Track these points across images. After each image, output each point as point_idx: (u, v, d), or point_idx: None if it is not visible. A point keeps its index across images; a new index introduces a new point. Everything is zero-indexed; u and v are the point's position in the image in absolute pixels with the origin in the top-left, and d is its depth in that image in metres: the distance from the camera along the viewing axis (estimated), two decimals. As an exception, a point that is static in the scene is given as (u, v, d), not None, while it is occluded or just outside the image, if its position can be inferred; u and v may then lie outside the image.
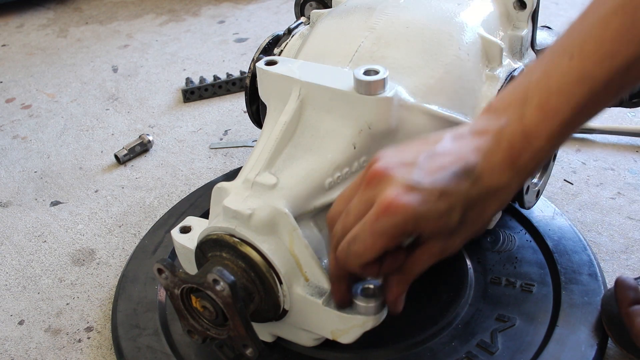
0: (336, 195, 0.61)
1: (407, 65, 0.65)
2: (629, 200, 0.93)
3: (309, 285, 0.58)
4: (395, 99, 0.60)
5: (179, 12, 1.84)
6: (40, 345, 0.77)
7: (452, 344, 0.68)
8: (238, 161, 1.11)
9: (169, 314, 0.75)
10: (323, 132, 0.63)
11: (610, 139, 1.08)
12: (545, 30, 0.86)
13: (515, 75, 0.69)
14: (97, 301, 0.84)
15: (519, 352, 0.66)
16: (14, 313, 0.83)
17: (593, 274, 0.75)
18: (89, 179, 1.10)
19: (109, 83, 1.44)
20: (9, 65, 1.58)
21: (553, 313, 0.71)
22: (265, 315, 0.60)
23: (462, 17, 0.70)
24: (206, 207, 0.90)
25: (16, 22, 1.85)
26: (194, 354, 0.70)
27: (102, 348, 0.76)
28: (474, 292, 0.74)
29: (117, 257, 0.91)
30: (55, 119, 1.31)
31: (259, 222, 0.57)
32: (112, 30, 1.74)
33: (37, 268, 0.90)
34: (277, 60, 0.67)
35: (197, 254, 0.62)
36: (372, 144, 0.63)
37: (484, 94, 0.68)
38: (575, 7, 1.58)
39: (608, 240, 0.86)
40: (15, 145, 1.22)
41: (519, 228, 0.84)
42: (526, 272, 0.77)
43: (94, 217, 1.00)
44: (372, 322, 0.56)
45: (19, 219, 1.01)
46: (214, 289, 0.53)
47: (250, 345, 0.56)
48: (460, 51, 0.67)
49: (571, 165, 1.02)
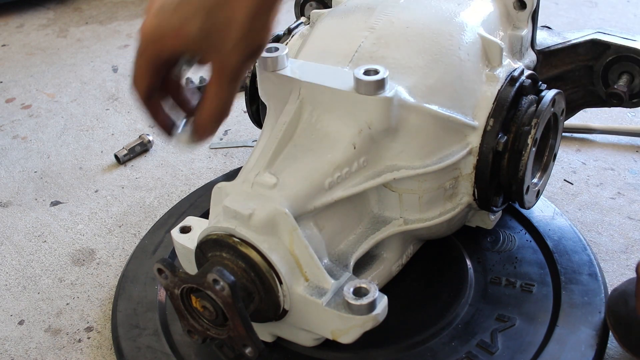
0: (336, 195, 0.62)
1: (407, 65, 0.65)
2: (629, 200, 0.93)
3: (309, 285, 0.58)
4: (395, 99, 0.60)
5: (179, 12, 1.84)
6: (40, 345, 0.77)
7: (452, 344, 0.68)
8: (238, 161, 1.11)
9: (169, 314, 0.75)
10: (323, 132, 0.63)
11: (610, 139, 1.08)
12: (545, 30, 0.86)
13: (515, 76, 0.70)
14: (97, 301, 0.84)
15: (519, 352, 0.66)
16: (14, 313, 0.83)
17: (593, 274, 0.75)
18: (89, 179, 1.10)
19: (109, 83, 1.44)
20: (9, 65, 1.58)
21: (553, 313, 0.71)
22: (265, 315, 0.60)
23: (462, 17, 0.70)
24: (206, 207, 0.89)
25: (16, 22, 1.85)
26: (194, 354, 0.70)
27: (102, 348, 0.76)
28: (474, 292, 0.74)
29: (117, 257, 0.91)
30: (55, 119, 1.31)
31: (259, 222, 0.57)
32: (112, 30, 1.74)
33: (37, 268, 0.90)
34: (277, 60, 0.67)
35: (197, 254, 0.62)
36: (372, 144, 0.63)
37: (484, 94, 0.68)
38: (575, 7, 1.58)
39: (608, 240, 0.86)
40: (15, 145, 1.22)
41: (519, 228, 0.84)
42: (526, 272, 0.77)
43: (94, 217, 1.00)
44: (371, 322, 0.56)
45: (19, 219, 1.01)
46: (214, 289, 0.53)
47: (250, 345, 0.56)
48: (460, 51, 0.67)
49: (571, 165, 1.02)
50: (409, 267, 0.74)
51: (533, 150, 0.67)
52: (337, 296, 0.57)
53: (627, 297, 0.66)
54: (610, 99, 0.84)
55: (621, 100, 0.82)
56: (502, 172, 0.69)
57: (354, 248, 0.65)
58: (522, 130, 0.68)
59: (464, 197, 0.70)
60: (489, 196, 0.70)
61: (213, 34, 0.50)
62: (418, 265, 0.76)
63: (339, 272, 0.60)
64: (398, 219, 0.68)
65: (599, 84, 0.85)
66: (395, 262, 0.71)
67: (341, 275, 0.59)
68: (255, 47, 0.52)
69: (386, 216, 0.68)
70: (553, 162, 0.78)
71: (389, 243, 0.69)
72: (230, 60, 0.52)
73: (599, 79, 0.85)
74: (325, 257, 0.61)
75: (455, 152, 0.66)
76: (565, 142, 1.07)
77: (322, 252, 0.61)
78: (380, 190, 0.67)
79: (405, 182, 0.65)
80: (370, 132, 0.62)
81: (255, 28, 0.50)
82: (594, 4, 1.60)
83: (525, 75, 0.70)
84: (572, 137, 1.09)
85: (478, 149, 0.67)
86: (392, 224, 0.68)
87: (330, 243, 0.63)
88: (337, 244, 0.64)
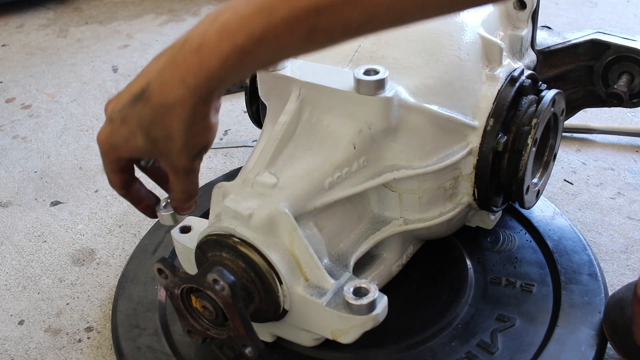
0: (336, 195, 0.61)
1: (407, 65, 0.65)
2: (629, 200, 0.93)
3: (309, 285, 0.58)
4: (395, 99, 0.60)
5: (179, 12, 1.84)
6: (40, 345, 0.77)
7: (452, 344, 0.68)
8: (238, 161, 1.11)
9: (169, 314, 0.75)
10: (323, 132, 0.63)
11: (610, 139, 1.08)
12: (545, 30, 0.86)
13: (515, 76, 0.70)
14: (97, 301, 0.84)
15: (519, 352, 0.66)
16: (14, 313, 0.83)
17: (593, 274, 0.75)
18: (89, 179, 1.10)
19: (109, 83, 1.44)
20: (9, 65, 1.58)
21: (553, 313, 0.71)
22: (265, 315, 0.60)
23: (462, 17, 0.70)
24: (206, 207, 0.89)
25: (16, 22, 1.85)
26: (194, 354, 0.70)
27: (102, 348, 0.76)
28: (474, 292, 0.74)
29: (117, 257, 0.91)
30: (55, 119, 1.31)
31: (259, 222, 0.57)
32: (112, 30, 1.74)
33: (37, 268, 0.90)
34: (277, 60, 0.66)
35: (197, 254, 0.62)
36: (372, 143, 0.63)
37: (484, 94, 0.68)
38: (575, 7, 1.58)
39: (608, 240, 0.86)
40: (15, 145, 1.22)
41: (519, 228, 0.84)
42: (526, 272, 0.77)
43: (94, 217, 1.00)
44: (371, 322, 0.56)
45: (19, 219, 1.01)
46: (214, 289, 0.53)
47: (250, 345, 0.56)
48: (460, 51, 0.67)
49: (571, 165, 1.02)
50: (409, 267, 0.74)
51: (533, 150, 0.67)
52: (337, 296, 0.57)
53: (624, 304, 0.66)
54: (610, 99, 0.84)
55: (621, 100, 0.82)
56: (502, 172, 0.69)
57: (354, 248, 0.65)
58: (522, 130, 0.68)
59: (464, 197, 0.70)
60: (489, 196, 0.70)
61: (157, 145, 0.52)
62: (418, 265, 0.76)
63: (339, 272, 0.60)
64: (398, 219, 0.68)
65: (599, 84, 0.85)
66: (395, 262, 0.71)
67: (341, 275, 0.59)
68: (200, 148, 0.54)
69: (386, 216, 0.68)
70: (553, 162, 0.78)
71: (389, 243, 0.70)
72: (179, 163, 0.54)
73: (599, 79, 0.85)
74: (325, 257, 0.61)
75: (455, 152, 0.66)
76: (565, 142, 1.07)
77: (322, 252, 0.61)
78: (380, 190, 0.67)
79: (405, 182, 0.65)
80: (370, 132, 0.62)
81: (194, 134, 0.52)
82: (594, 4, 1.61)
83: (525, 75, 0.70)
84: (572, 137, 1.09)
85: (478, 149, 0.67)
86: (392, 224, 0.68)
87: (330, 243, 0.63)
88: (337, 244, 0.64)
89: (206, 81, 0.47)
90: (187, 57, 0.47)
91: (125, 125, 0.52)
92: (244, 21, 0.44)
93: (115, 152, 0.55)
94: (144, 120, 0.51)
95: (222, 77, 0.47)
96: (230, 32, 0.45)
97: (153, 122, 0.51)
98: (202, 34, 0.46)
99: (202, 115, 0.50)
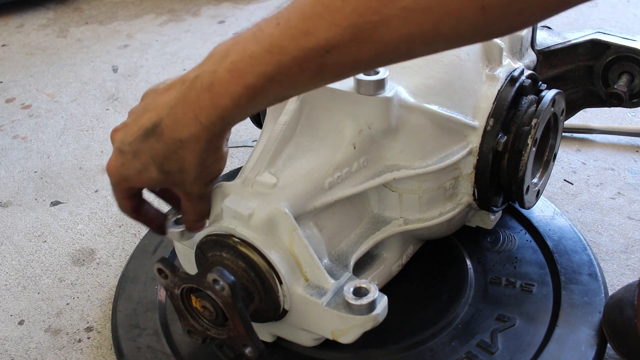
0: (336, 195, 0.61)
1: (407, 65, 0.65)
2: (629, 200, 0.93)
3: (309, 285, 0.58)
4: (395, 99, 0.60)
5: (179, 12, 1.84)
6: (40, 345, 0.77)
7: (452, 344, 0.68)
8: (238, 161, 1.11)
9: (169, 314, 0.75)
10: (323, 132, 0.63)
11: (610, 139, 1.08)
12: (545, 30, 0.86)
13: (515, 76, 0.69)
14: (97, 301, 0.84)
15: (519, 352, 0.66)
16: (14, 313, 0.83)
17: (593, 274, 0.75)
18: (89, 179, 1.10)
19: (109, 83, 1.44)
20: (9, 65, 1.58)
21: (553, 313, 0.71)
22: (265, 315, 0.60)
23: (462, 17, 0.70)
24: (206, 207, 0.89)
25: (16, 22, 1.85)
26: (194, 354, 0.70)
27: (102, 348, 0.76)
28: (474, 292, 0.74)
29: (117, 257, 0.91)
30: (55, 119, 1.31)
31: (258, 222, 0.57)
32: (112, 30, 1.74)
33: (37, 268, 0.90)
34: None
35: (197, 254, 0.62)
36: (372, 143, 0.63)
37: (484, 94, 0.68)
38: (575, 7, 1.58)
39: (608, 240, 0.86)
40: (15, 145, 1.22)
41: (519, 228, 0.84)
42: (526, 272, 0.77)
43: (94, 217, 1.00)
44: (371, 322, 0.56)
45: (19, 219, 1.01)
46: (214, 289, 0.53)
47: (250, 345, 0.56)
48: (460, 51, 0.67)
49: (571, 165, 1.02)
50: (409, 267, 0.74)
51: (533, 150, 0.67)
52: (337, 296, 0.57)
53: (623, 305, 0.66)
54: (610, 99, 0.84)
55: (621, 100, 0.82)
56: (502, 172, 0.69)
57: (354, 248, 0.65)
58: (522, 130, 0.68)
59: (464, 197, 0.70)
60: (489, 196, 0.70)
61: (171, 177, 0.53)
62: (418, 265, 0.76)
63: (339, 272, 0.60)
64: (398, 219, 0.68)
65: (599, 84, 0.85)
66: (395, 262, 0.71)
67: (341, 275, 0.59)
68: (213, 176, 0.56)
69: (386, 216, 0.68)
70: (553, 162, 0.78)
71: (389, 243, 0.70)
72: (192, 190, 0.56)
73: (599, 79, 0.85)
74: (325, 257, 0.61)
75: (455, 152, 0.66)
76: (565, 142, 1.07)
77: (322, 252, 0.61)
78: (380, 190, 0.67)
79: (405, 182, 0.65)
80: (370, 132, 0.62)
81: (208, 165, 0.53)
82: (594, 4, 1.60)
83: (525, 75, 0.70)
84: (572, 137, 1.09)
85: (478, 149, 0.67)
86: (392, 224, 0.68)
87: (330, 243, 0.63)
88: (337, 244, 0.64)
89: (219, 119, 0.48)
90: (200, 95, 0.48)
91: (137, 159, 0.53)
92: (254, 60, 0.45)
93: (127, 183, 0.56)
94: (157, 155, 0.52)
95: (234, 115, 0.48)
96: (241, 72, 0.46)
97: (167, 157, 0.52)
98: (213, 72, 0.47)
99: (215, 148, 0.52)
